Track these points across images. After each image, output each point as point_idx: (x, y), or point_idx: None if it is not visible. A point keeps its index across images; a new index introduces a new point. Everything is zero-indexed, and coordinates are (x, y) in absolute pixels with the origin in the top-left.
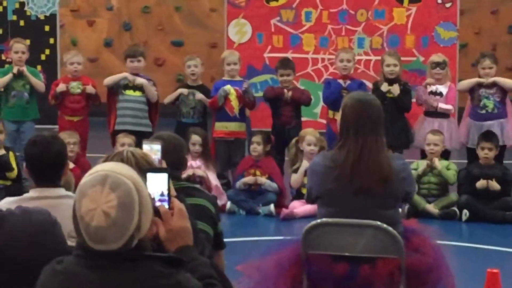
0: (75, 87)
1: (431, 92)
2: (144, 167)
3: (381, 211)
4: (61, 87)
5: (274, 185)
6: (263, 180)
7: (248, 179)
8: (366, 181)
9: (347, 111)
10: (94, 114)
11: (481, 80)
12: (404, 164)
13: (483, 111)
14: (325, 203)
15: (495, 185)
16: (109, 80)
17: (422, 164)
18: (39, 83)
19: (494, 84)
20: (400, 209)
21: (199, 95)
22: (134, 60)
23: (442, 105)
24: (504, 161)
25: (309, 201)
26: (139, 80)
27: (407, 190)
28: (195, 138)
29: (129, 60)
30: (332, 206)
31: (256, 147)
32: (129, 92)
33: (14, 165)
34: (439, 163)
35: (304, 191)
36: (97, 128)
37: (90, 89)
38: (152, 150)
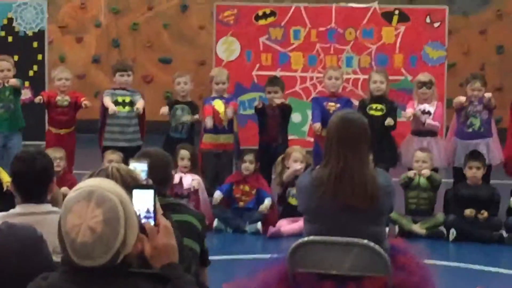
0: (62, 100)
1: (419, 111)
2: (129, 183)
3: (367, 227)
4: (39, 98)
5: (270, 201)
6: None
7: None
8: (351, 198)
9: (330, 129)
10: (82, 131)
11: (461, 99)
12: (389, 180)
13: (470, 130)
14: (311, 219)
15: (484, 216)
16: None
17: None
18: (17, 83)
19: (481, 102)
20: (387, 228)
21: (192, 117)
22: (124, 74)
23: (430, 121)
24: (490, 181)
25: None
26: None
27: (391, 205)
28: (183, 153)
29: (119, 74)
30: (317, 222)
31: (249, 166)
32: (119, 109)
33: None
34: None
35: (292, 201)
36: (85, 145)
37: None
38: (138, 169)
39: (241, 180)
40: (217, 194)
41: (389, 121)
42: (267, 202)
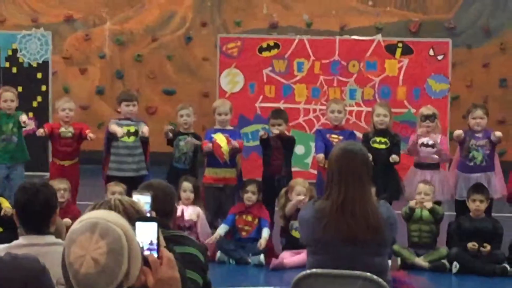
0: (66, 131)
1: (423, 144)
2: (132, 215)
3: (370, 259)
4: (41, 131)
5: (268, 231)
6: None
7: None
8: (353, 229)
9: (331, 161)
10: (86, 162)
11: (458, 133)
12: (391, 211)
13: (471, 163)
14: (314, 251)
15: (487, 250)
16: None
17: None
18: (28, 121)
19: (485, 136)
20: (390, 260)
21: (192, 140)
22: (130, 104)
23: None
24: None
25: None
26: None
27: (394, 238)
28: (186, 185)
29: (125, 104)
30: (320, 254)
31: (251, 197)
32: (124, 139)
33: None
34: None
35: (295, 234)
36: (89, 176)
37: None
38: (141, 201)
39: (244, 210)
40: (222, 228)
41: (394, 158)
42: (265, 234)
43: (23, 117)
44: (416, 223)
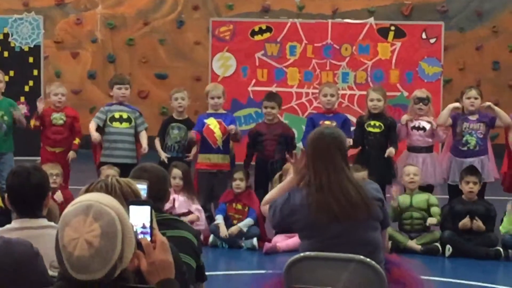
0: (58, 118)
1: (414, 127)
2: (128, 195)
3: (362, 235)
4: (35, 123)
5: (251, 221)
6: (241, 225)
7: (231, 231)
8: (336, 209)
9: (306, 146)
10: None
11: (456, 104)
12: (377, 188)
13: (465, 148)
14: (305, 235)
15: (479, 225)
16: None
17: (403, 197)
18: (22, 120)
19: (479, 120)
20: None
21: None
22: (122, 87)
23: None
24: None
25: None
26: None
27: (386, 216)
28: (176, 171)
29: (117, 87)
30: (311, 237)
31: (240, 184)
32: (116, 125)
33: None
34: (420, 196)
35: None
36: (79, 161)
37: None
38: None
39: (234, 198)
40: (219, 218)
41: (390, 152)
42: (246, 223)
43: (17, 113)
44: (407, 211)
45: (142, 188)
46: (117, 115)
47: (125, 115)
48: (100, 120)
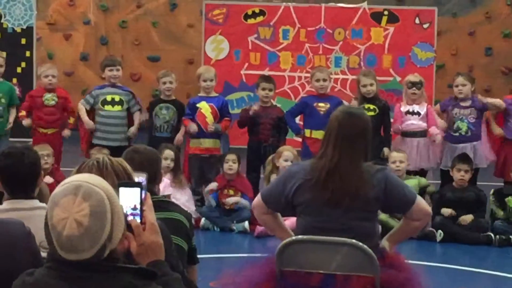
0: (49, 98)
1: (408, 112)
2: (120, 173)
3: (356, 222)
4: (27, 122)
5: (247, 202)
6: (236, 199)
7: (226, 202)
8: (338, 193)
9: (332, 122)
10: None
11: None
12: (383, 178)
13: (457, 134)
14: (303, 212)
15: (464, 219)
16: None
17: None
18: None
19: (470, 105)
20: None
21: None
22: (113, 68)
23: (434, 130)
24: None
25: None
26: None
27: (401, 198)
28: (168, 152)
29: (108, 69)
30: (309, 215)
31: (232, 166)
32: (108, 108)
33: None
34: (410, 181)
35: None
36: (71, 142)
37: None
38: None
39: (226, 184)
40: (212, 200)
41: (386, 152)
42: (243, 202)
43: (12, 117)
44: None
45: (141, 180)
46: (109, 98)
47: (117, 98)
48: (88, 103)
